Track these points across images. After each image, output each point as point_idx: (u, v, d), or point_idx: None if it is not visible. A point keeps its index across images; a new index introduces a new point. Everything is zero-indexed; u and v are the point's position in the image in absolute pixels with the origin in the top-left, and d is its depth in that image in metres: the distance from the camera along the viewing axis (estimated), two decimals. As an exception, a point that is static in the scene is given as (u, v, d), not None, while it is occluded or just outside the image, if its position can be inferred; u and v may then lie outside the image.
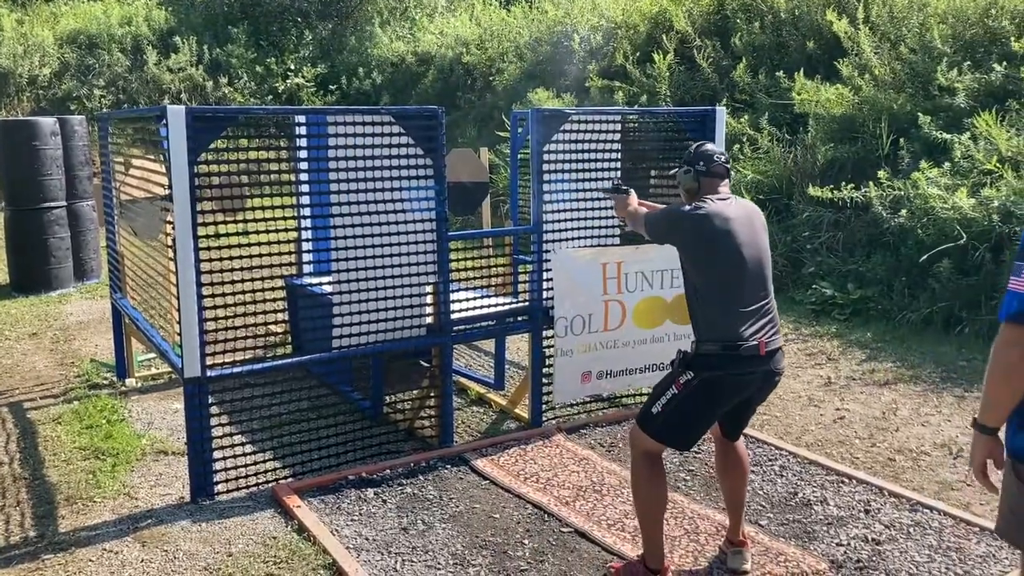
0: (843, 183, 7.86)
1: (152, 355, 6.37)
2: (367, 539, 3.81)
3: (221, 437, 4.31)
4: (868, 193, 7.64)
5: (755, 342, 3.16)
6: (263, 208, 4.43)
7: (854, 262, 7.85)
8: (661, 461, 3.38)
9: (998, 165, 7.01)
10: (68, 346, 7.05)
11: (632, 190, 3.96)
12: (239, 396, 4.55)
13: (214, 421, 4.28)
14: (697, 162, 3.39)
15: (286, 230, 4.48)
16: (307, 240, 6.02)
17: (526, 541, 3.78)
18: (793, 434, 5.07)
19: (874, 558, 3.61)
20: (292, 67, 18.33)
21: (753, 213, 3.37)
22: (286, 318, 6.44)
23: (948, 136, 7.51)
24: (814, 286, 7.84)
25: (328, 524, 3.93)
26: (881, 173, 7.66)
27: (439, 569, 3.56)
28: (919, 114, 7.87)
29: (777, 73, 9.83)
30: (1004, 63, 7.84)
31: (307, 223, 6.01)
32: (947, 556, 3.62)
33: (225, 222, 4.26)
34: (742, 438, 3.62)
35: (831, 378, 6.03)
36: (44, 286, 8.97)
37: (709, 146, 3.45)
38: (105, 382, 6.09)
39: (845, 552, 3.65)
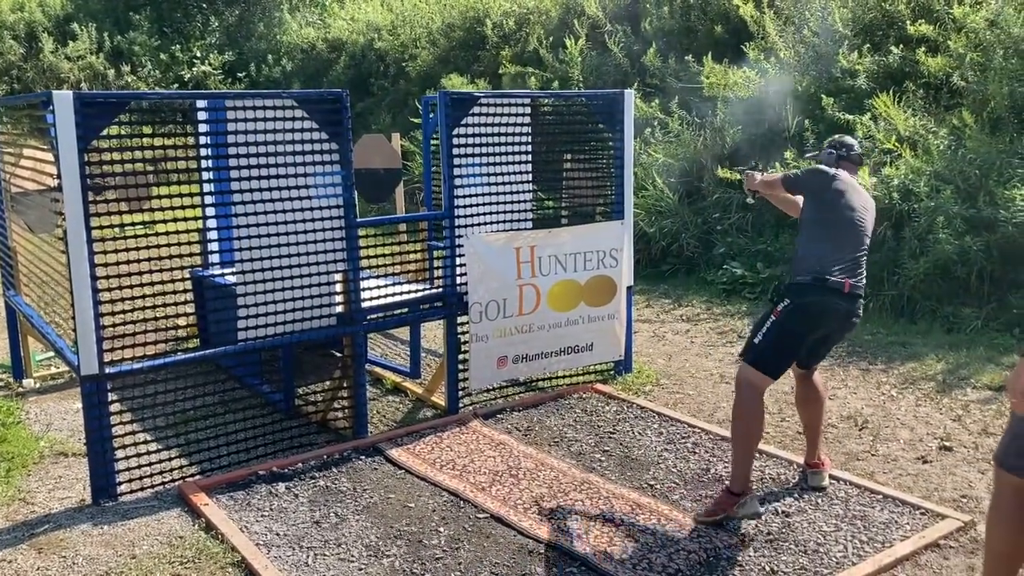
0: (752, 165, 7.99)
1: (51, 354, 6.10)
2: (278, 534, 3.71)
3: (124, 436, 4.15)
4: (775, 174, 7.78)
5: (842, 279, 3.67)
6: (168, 197, 4.26)
7: (763, 242, 8.01)
8: (762, 398, 3.78)
9: (897, 144, 7.23)
10: (-40, 347, 6.70)
11: (758, 171, 4.48)
12: (144, 393, 4.39)
13: (117, 419, 4.11)
14: (840, 147, 4.05)
15: (189, 219, 4.32)
16: (212, 230, 5.83)
17: (441, 529, 3.74)
18: (706, 411, 5.14)
19: (784, 530, 3.68)
20: (198, 55, 17.80)
21: (870, 202, 3.93)
22: (192, 312, 6.24)
23: (851, 117, 7.71)
24: (724, 266, 7.98)
25: (237, 521, 3.82)
26: (788, 154, 7.82)
27: (352, 561, 3.49)
28: (822, 96, 8.06)
29: (686, 57, 9.94)
30: (901, 46, 8.08)
31: (212, 213, 5.82)
32: (852, 524, 3.72)
33: (127, 212, 4.09)
34: (818, 372, 4.11)
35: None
36: (-66, 285, 8.52)
37: (849, 138, 4.13)
38: (0, 383, 5.81)
39: (756, 525, 3.71)
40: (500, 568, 3.42)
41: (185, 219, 4.28)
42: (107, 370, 3.98)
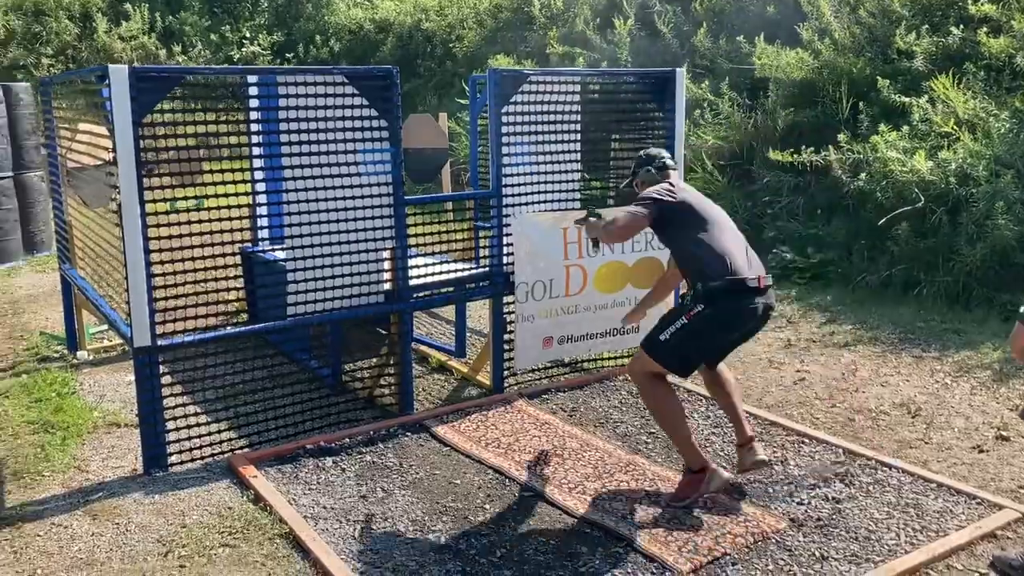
0: (803, 147, 7.85)
1: (104, 327, 6.22)
2: (325, 508, 3.74)
3: (174, 408, 4.21)
4: (828, 157, 7.65)
5: (754, 276, 3.61)
6: (219, 171, 4.28)
7: (814, 226, 7.87)
8: (665, 378, 3.74)
9: (955, 128, 7.04)
10: (17, 319, 6.86)
11: (603, 213, 4.11)
12: (195, 366, 4.46)
13: (168, 392, 4.18)
14: (652, 161, 4.09)
15: (240, 195, 4.36)
16: (262, 204, 5.86)
17: (487, 506, 3.74)
18: (754, 396, 5.08)
19: (834, 516, 3.62)
20: (247, 35, 17.94)
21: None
22: (241, 288, 6.30)
23: (907, 100, 7.52)
24: (774, 250, 7.84)
25: (285, 493, 3.86)
26: (841, 137, 7.67)
27: (398, 535, 3.50)
28: (878, 78, 7.88)
29: (738, 38, 9.77)
30: (961, 26, 7.85)
31: (261, 190, 5.86)
32: (905, 512, 3.64)
33: (179, 186, 4.13)
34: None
35: (791, 340, 6.05)
36: (-10, 259, 8.73)
37: (653, 150, 4.18)
38: (56, 355, 5.94)
39: (805, 511, 3.65)
40: (546, 546, 3.41)
41: (236, 195, 4.32)
42: (159, 342, 4.03)
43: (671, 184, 3.86)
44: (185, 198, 4.30)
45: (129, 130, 3.81)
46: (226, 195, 4.30)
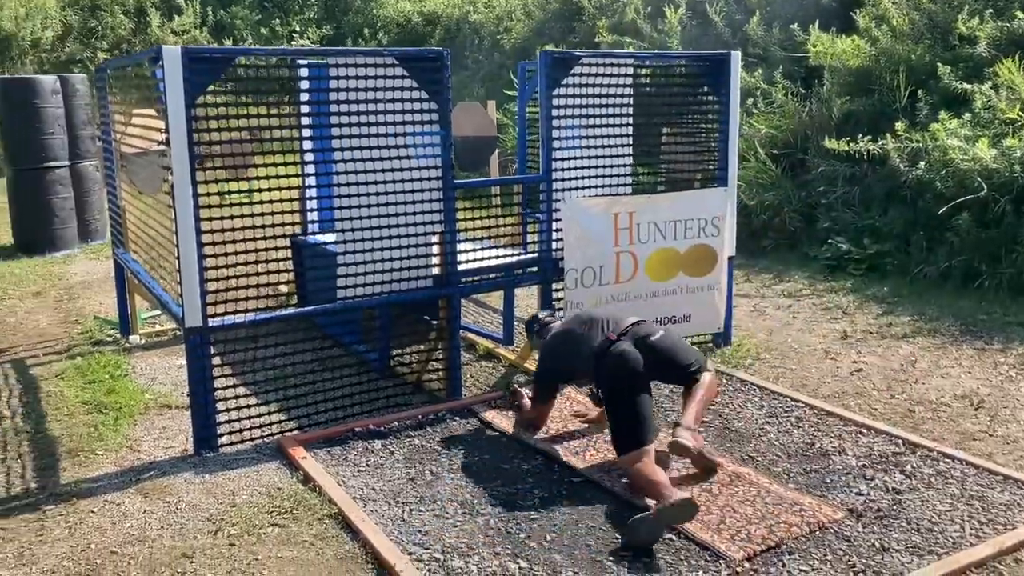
0: (859, 136, 7.67)
1: (156, 312, 6.28)
2: (374, 489, 3.72)
3: (224, 389, 4.22)
4: (885, 146, 7.46)
5: (608, 338, 3.93)
6: (271, 166, 4.29)
7: (870, 217, 7.69)
8: (651, 461, 3.59)
9: (1021, 114, 6.82)
10: (72, 304, 6.97)
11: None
12: (245, 346, 4.48)
13: (219, 373, 4.19)
14: (535, 324, 4.53)
15: (290, 188, 4.35)
16: (311, 188, 5.87)
17: (535, 491, 3.69)
18: (809, 386, 4.96)
19: (895, 507, 3.50)
20: (297, 28, 18.12)
21: (586, 315, 4.27)
22: (291, 276, 6.32)
23: (969, 86, 7.31)
24: (829, 241, 7.68)
25: (334, 475, 3.85)
26: (899, 125, 7.47)
27: (447, 518, 3.47)
28: (938, 64, 7.66)
29: (792, 26, 9.59)
30: (1027, 10, 7.61)
31: (311, 179, 5.87)
32: (970, 504, 3.51)
33: (232, 180, 4.15)
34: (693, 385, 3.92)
35: (847, 332, 5.90)
36: (48, 247, 8.89)
37: (539, 314, 4.62)
38: (109, 339, 6.01)
39: (865, 502, 3.54)
40: (596, 531, 3.35)
41: (289, 188, 4.32)
42: (210, 323, 4.05)
43: (544, 344, 4.29)
44: (239, 191, 4.31)
45: (182, 111, 3.82)
46: (277, 186, 4.29)
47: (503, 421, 4.42)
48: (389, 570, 3.11)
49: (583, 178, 5.00)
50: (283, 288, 6.37)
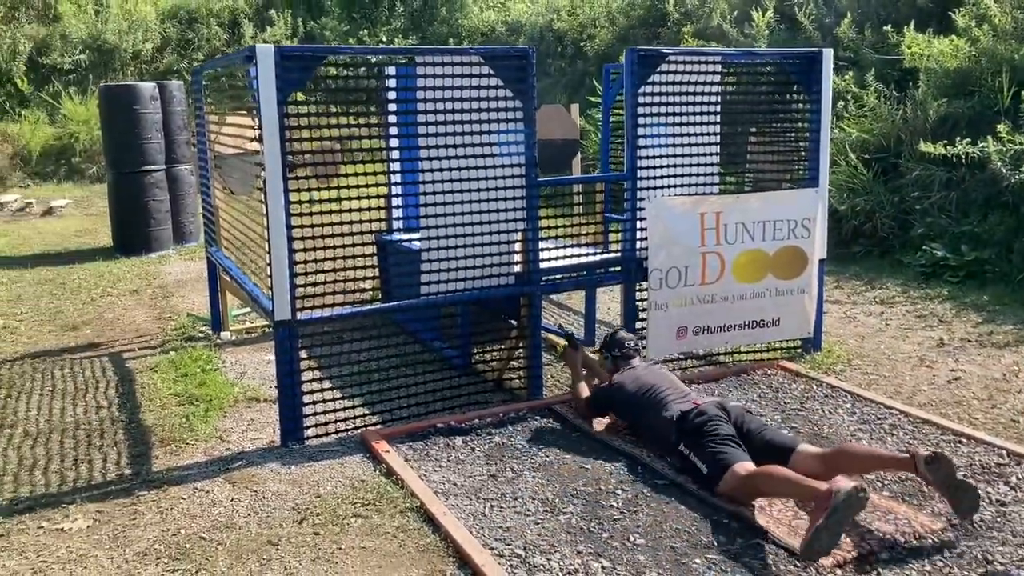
0: (957, 139, 7.38)
1: (247, 309, 6.44)
2: (455, 484, 3.72)
3: (311, 381, 4.29)
4: (986, 149, 7.16)
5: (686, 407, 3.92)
6: (358, 174, 4.35)
7: (968, 222, 7.39)
8: (752, 471, 3.46)
9: None
10: (166, 302, 7.20)
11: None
12: (331, 340, 4.57)
13: (305, 366, 4.26)
14: (613, 348, 4.50)
15: (376, 184, 4.41)
16: (396, 186, 5.94)
17: (619, 491, 3.63)
18: (904, 394, 4.77)
19: (998, 519, 3.33)
20: (384, 39, 18.40)
21: (653, 370, 4.34)
22: (376, 275, 6.40)
23: (1077, 86, 6.98)
24: (924, 248, 7.41)
25: (416, 469, 3.86)
26: (1000, 127, 7.17)
27: (528, 515, 3.44)
28: (1044, 64, 7.34)
29: (885, 27, 9.31)
30: None
31: (397, 179, 5.94)
32: (1081, 518, 3.32)
33: (322, 197, 4.23)
34: (797, 447, 3.66)
35: (944, 339, 5.67)
36: (145, 248, 9.21)
37: (621, 333, 4.59)
38: (201, 335, 6.18)
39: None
40: (681, 533, 3.28)
41: (376, 185, 4.38)
42: (298, 316, 4.12)
43: (614, 381, 4.30)
44: (328, 200, 4.39)
45: (274, 109, 3.91)
46: (364, 184, 4.35)
47: (586, 422, 4.37)
48: (471, 564, 3.09)
49: (668, 176, 4.93)
50: (367, 285, 6.46)
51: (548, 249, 4.81)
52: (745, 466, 3.44)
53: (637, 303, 5.00)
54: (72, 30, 16.40)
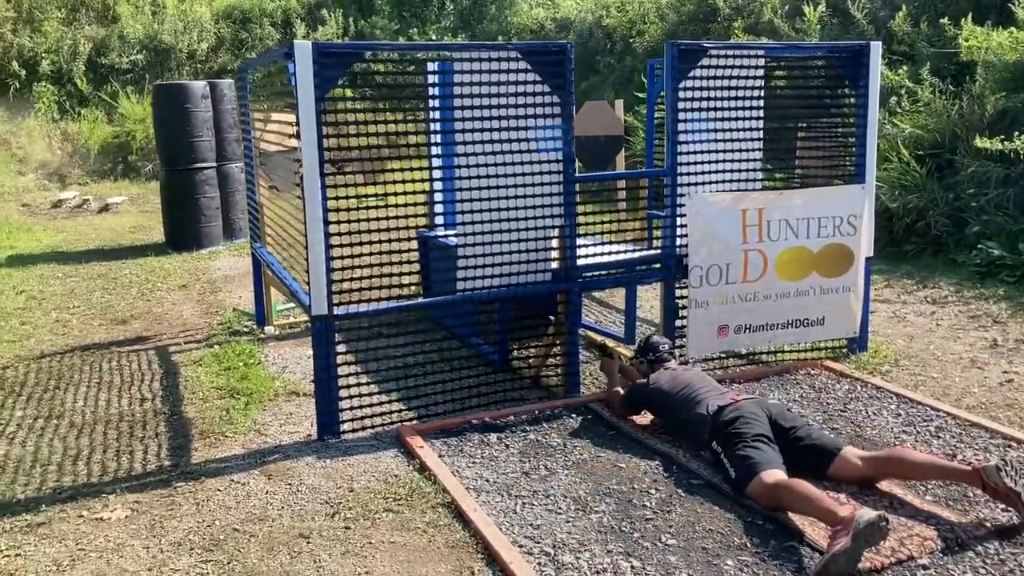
0: (1016, 134, 7.16)
1: (291, 305, 6.51)
2: (488, 481, 3.71)
3: (347, 376, 4.31)
4: (1045, 144, 6.94)
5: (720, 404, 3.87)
6: (399, 170, 4.37)
7: (1026, 220, 7.17)
8: (781, 480, 3.36)
9: None
10: (214, 297, 7.32)
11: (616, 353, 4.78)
12: (369, 336, 4.61)
13: (344, 362, 4.29)
14: (648, 352, 4.53)
15: (417, 181, 4.42)
16: (438, 185, 5.95)
17: (652, 491, 3.59)
18: (952, 396, 4.64)
19: (1044, 525, 3.22)
20: (434, 37, 18.48)
21: (691, 371, 4.31)
22: (418, 272, 6.42)
23: None
24: (979, 246, 7.20)
25: (449, 465, 3.86)
26: (1061, 121, 6.94)
27: (560, 513, 3.42)
28: (1108, 56, 7.08)
29: (942, 20, 9.06)
30: None
31: (439, 174, 5.95)
32: None
33: (365, 194, 4.25)
34: (842, 450, 3.62)
35: (997, 340, 5.50)
36: (195, 244, 9.37)
37: (655, 338, 4.61)
38: (245, 329, 6.27)
39: (1011, 518, 3.26)
40: (714, 535, 3.22)
41: (418, 181, 4.39)
42: (335, 311, 4.14)
43: (648, 382, 4.27)
44: (368, 196, 4.42)
45: (312, 104, 3.93)
46: (403, 184, 4.36)
47: (621, 420, 4.33)
48: (498, 561, 3.08)
49: (710, 172, 4.86)
50: (405, 281, 6.49)
51: (586, 246, 4.77)
52: (774, 474, 3.36)
53: (677, 301, 4.93)
54: (130, 31, 16.76)
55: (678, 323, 4.94)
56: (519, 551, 3.13)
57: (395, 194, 4.33)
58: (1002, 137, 7.23)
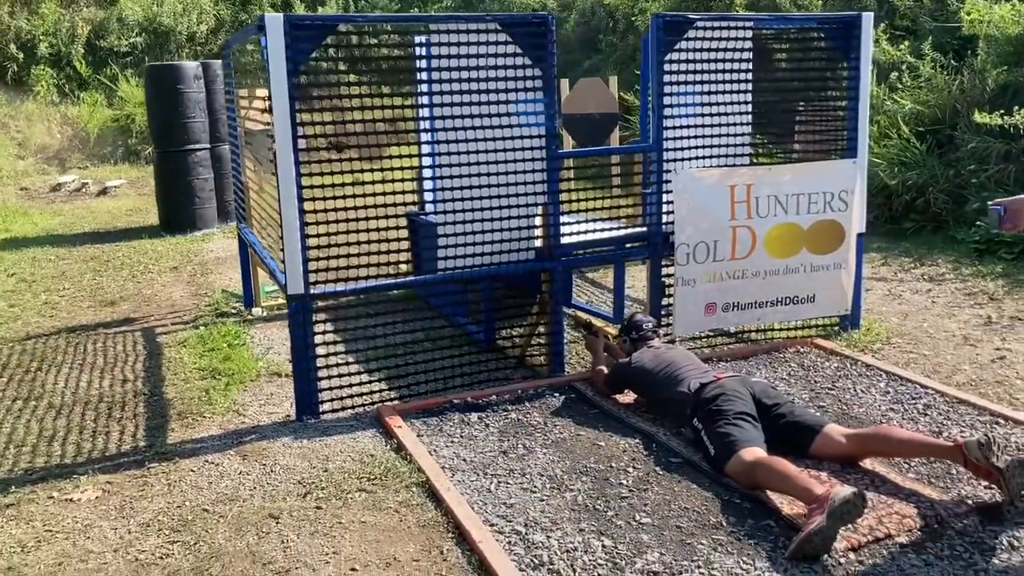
0: (1016, 109, 7.03)
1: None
2: (464, 460, 3.66)
3: (328, 356, 4.26)
4: (1046, 118, 6.81)
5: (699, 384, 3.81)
6: (394, 157, 4.29)
7: (1027, 196, 7.03)
8: (759, 458, 3.28)
9: None
10: (204, 279, 7.27)
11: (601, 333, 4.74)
12: (353, 316, 4.58)
13: (328, 342, 4.24)
14: (631, 331, 4.43)
15: (400, 156, 4.36)
16: (427, 166, 5.87)
17: (630, 469, 3.53)
18: (943, 373, 4.56)
19: (1029, 504, 3.15)
20: (434, 17, 18.35)
21: (675, 350, 4.26)
22: (408, 251, 6.35)
23: None
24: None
25: (427, 444, 3.81)
26: (1062, 95, 6.80)
27: (534, 492, 3.36)
28: (1111, 28, 6.94)
29: (944, -7, 8.92)
30: None
31: (426, 150, 5.87)
32: (1120, 505, 3.12)
33: (357, 170, 4.18)
34: (824, 427, 3.55)
35: (992, 317, 5.42)
36: (190, 226, 9.32)
37: (638, 316, 4.53)
38: (233, 311, 6.22)
39: (994, 496, 3.19)
40: (689, 513, 3.16)
41: (400, 156, 4.32)
42: (312, 291, 4.08)
43: (629, 360, 4.20)
44: (346, 172, 4.35)
45: (284, 78, 3.86)
46: (384, 162, 4.30)
47: (604, 399, 4.27)
48: (468, 540, 3.03)
49: (697, 147, 4.77)
50: (399, 260, 6.42)
51: (569, 224, 4.69)
52: (752, 451, 3.29)
53: (663, 279, 4.86)
54: (128, 13, 16.66)
55: (665, 301, 4.87)
56: (490, 530, 3.08)
57: (371, 170, 4.26)
58: (1002, 112, 7.10)
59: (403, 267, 6.53)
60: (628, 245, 4.97)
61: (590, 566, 2.86)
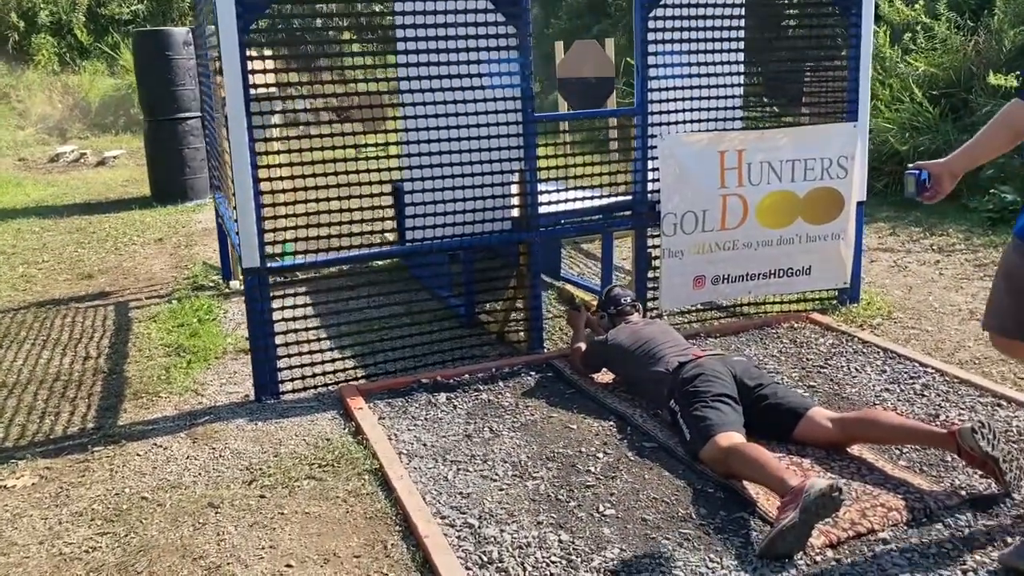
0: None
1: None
2: (424, 445, 3.44)
3: (293, 332, 4.03)
4: (1065, 79, 6.43)
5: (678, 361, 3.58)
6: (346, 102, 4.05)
7: (1043, 163, 6.70)
8: (736, 443, 3.04)
9: None
10: (188, 251, 7.07)
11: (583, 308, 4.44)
12: (325, 287, 4.43)
13: (295, 317, 4.02)
14: (609, 306, 4.19)
15: (369, 120, 4.10)
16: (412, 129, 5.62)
17: (600, 455, 3.29)
18: (944, 350, 4.29)
19: (1028, 496, 2.89)
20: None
21: (654, 324, 3.99)
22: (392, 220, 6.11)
23: None
24: (992, 191, 6.75)
25: (387, 428, 3.59)
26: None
27: (494, 480, 3.14)
28: None
29: (962, -51, 8.49)
30: None
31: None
32: None
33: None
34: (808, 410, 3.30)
35: (1002, 291, 5.11)
36: (181, 196, 9.12)
37: (617, 290, 4.26)
38: (211, 284, 6.02)
39: (987, 486, 2.94)
40: (658, 504, 2.93)
41: (375, 119, 4.08)
42: (268, 264, 3.86)
43: (606, 338, 3.96)
44: (314, 135, 4.09)
45: (235, 35, 3.61)
46: (354, 126, 4.05)
47: (582, 377, 4.03)
48: (415, 534, 2.81)
49: (684, 111, 4.49)
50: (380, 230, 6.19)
51: (547, 192, 4.43)
52: (729, 436, 3.05)
53: (649, 250, 4.60)
54: (130, -20, 16.42)
55: (651, 274, 4.61)
56: (440, 523, 2.86)
57: (343, 134, 3.98)
58: (1019, 73, 6.73)
59: (389, 237, 6.30)
60: (615, 215, 4.70)
61: (543, 564, 2.64)
